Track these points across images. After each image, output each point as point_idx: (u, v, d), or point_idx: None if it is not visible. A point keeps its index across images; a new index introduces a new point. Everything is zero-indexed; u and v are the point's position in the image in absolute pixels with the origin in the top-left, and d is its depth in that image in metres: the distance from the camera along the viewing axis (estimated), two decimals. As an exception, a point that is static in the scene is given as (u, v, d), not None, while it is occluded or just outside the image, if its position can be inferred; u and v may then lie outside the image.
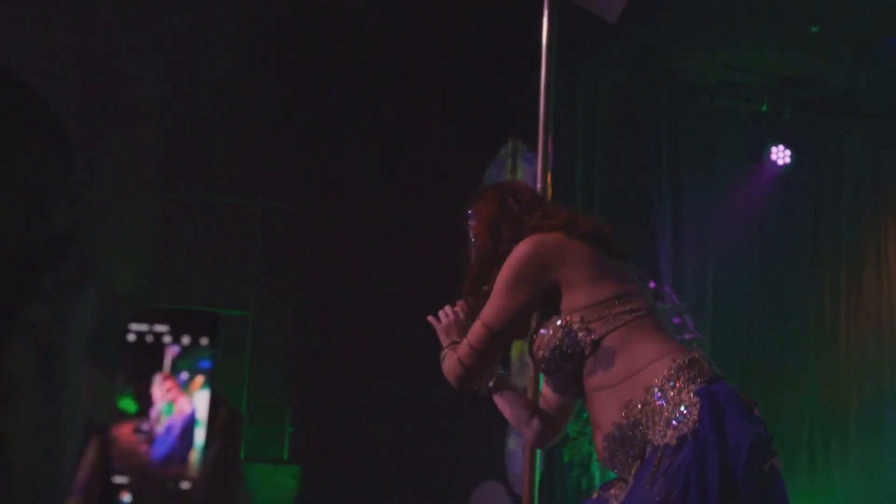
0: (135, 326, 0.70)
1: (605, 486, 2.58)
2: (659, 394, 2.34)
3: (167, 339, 0.70)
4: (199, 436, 0.68)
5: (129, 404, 0.68)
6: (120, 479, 0.67)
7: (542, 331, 2.54)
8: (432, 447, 6.67)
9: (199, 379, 0.69)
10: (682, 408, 2.29)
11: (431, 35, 6.35)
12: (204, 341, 0.70)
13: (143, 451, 0.67)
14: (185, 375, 0.69)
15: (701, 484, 2.18)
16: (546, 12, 3.67)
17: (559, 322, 2.51)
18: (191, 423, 0.68)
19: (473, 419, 6.42)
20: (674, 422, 2.28)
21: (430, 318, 2.89)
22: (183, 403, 0.68)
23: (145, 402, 0.68)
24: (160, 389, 0.68)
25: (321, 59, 6.55)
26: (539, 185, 3.58)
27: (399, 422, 6.86)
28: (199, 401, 0.69)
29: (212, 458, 0.67)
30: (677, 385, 2.34)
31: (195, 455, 0.68)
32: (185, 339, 0.70)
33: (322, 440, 6.97)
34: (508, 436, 6.33)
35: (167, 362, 0.69)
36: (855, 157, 7.05)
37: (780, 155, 6.67)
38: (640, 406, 2.36)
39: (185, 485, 0.66)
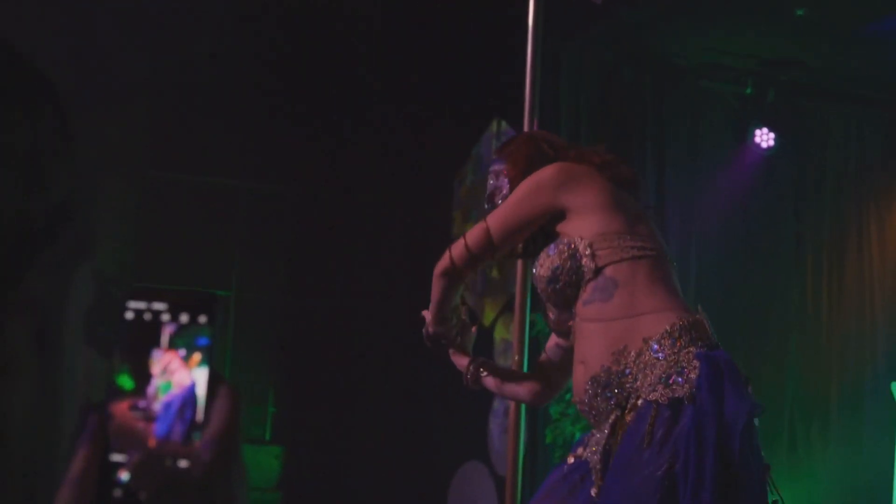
0: (133, 304, 0.70)
1: (576, 446, 2.54)
2: (657, 347, 2.31)
3: (165, 317, 0.70)
4: (198, 413, 0.68)
5: (126, 381, 0.68)
6: (118, 457, 0.66)
7: (548, 250, 2.53)
8: (414, 428, 6.68)
9: (197, 356, 0.69)
10: (680, 368, 2.26)
11: (416, 16, 6.33)
12: (202, 320, 0.70)
13: (140, 429, 0.67)
14: (182, 352, 0.69)
15: (699, 457, 2.15)
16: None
17: (566, 241, 2.50)
18: (189, 399, 0.68)
19: (455, 400, 6.44)
20: (669, 380, 2.24)
21: (425, 312, 2.91)
22: (182, 379, 0.68)
23: (143, 379, 0.68)
24: (159, 365, 0.68)
25: (307, 40, 6.52)
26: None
27: (381, 403, 6.88)
28: (198, 378, 0.69)
29: (210, 435, 0.67)
30: (678, 344, 2.31)
31: (194, 433, 0.67)
32: (184, 318, 0.70)
33: (304, 421, 6.98)
34: (490, 416, 6.35)
35: (164, 339, 0.69)
36: (838, 140, 7.07)
37: (764, 138, 6.67)
38: (633, 355, 2.34)
39: (184, 463, 0.66)
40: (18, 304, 0.64)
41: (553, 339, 2.82)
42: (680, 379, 2.24)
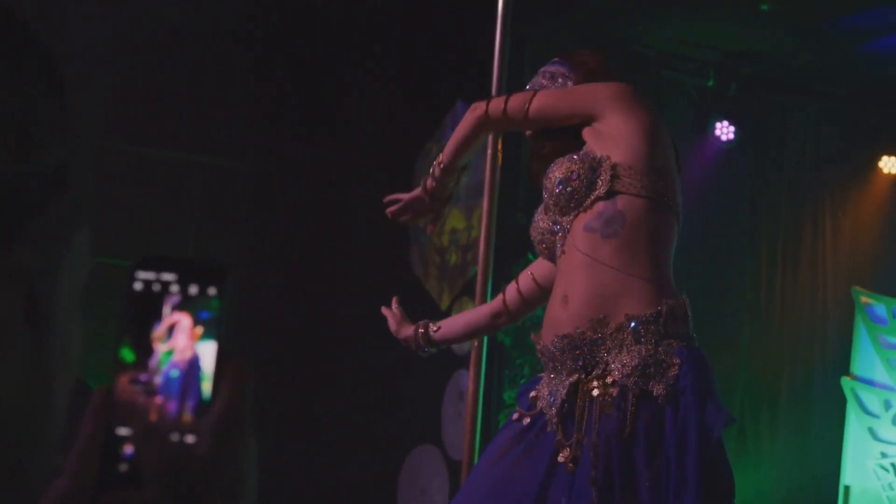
0: (142, 275, 0.68)
1: (523, 400, 2.44)
2: (640, 330, 2.25)
3: (174, 287, 0.68)
4: (204, 388, 0.66)
5: (127, 354, 0.66)
6: (123, 431, 0.65)
7: (570, 155, 2.44)
8: (366, 411, 6.67)
9: (200, 329, 0.67)
10: (659, 361, 2.22)
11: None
12: (211, 291, 0.68)
13: (141, 403, 0.65)
14: (186, 321, 0.67)
15: (680, 461, 2.13)
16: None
17: (592, 154, 2.41)
18: (193, 374, 0.66)
19: (408, 382, 6.44)
20: (647, 370, 2.21)
21: (384, 309, 2.87)
22: (184, 352, 0.66)
23: (144, 351, 0.66)
24: (160, 335, 0.66)
25: (273, 18, 6.45)
26: (490, 152, 3.57)
27: (333, 385, 6.85)
28: (202, 351, 0.67)
29: (217, 411, 0.65)
30: (660, 332, 2.25)
31: (200, 407, 0.66)
32: (193, 289, 0.68)
33: (257, 404, 6.93)
34: (444, 400, 6.36)
35: (166, 311, 0.67)
36: (796, 133, 7.14)
37: (725, 131, 6.72)
38: (612, 327, 2.27)
39: (190, 438, 0.65)
40: (7, 275, 0.62)
41: (528, 271, 2.75)
42: (658, 373, 2.20)
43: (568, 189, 2.38)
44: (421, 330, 2.82)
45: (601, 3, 6.11)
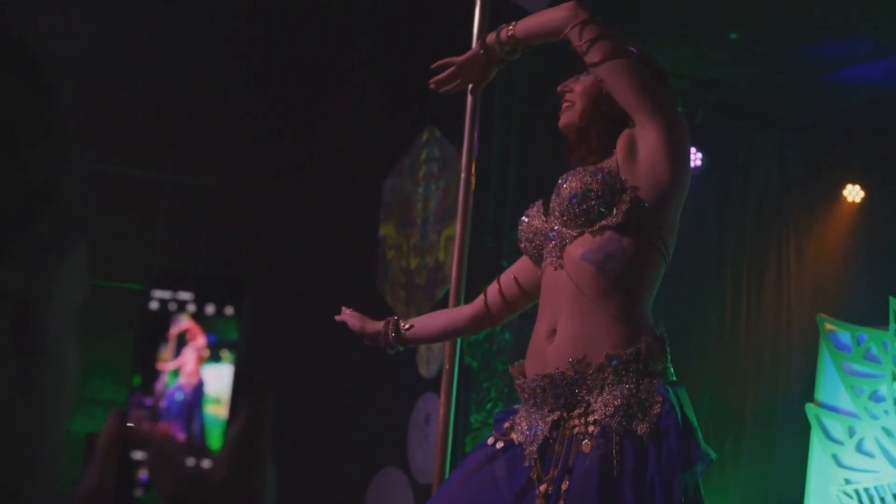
0: (157, 293, 0.65)
1: (499, 426, 2.39)
2: (621, 367, 2.22)
3: (191, 307, 0.65)
4: (211, 411, 0.64)
5: (136, 377, 0.64)
6: (138, 455, 0.63)
7: (591, 171, 2.35)
8: (330, 432, 6.62)
9: (207, 352, 0.65)
10: (640, 401, 2.20)
11: (355, 13, 6.28)
12: (229, 311, 0.66)
13: (148, 428, 0.63)
14: (202, 345, 0.65)
15: (667, 500, 2.12)
16: (479, 4, 3.66)
17: (617, 178, 2.31)
18: (199, 398, 0.64)
19: (373, 404, 6.40)
20: (630, 410, 2.18)
21: (338, 316, 2.79)
22: (191, 376, 0.64)
23: (151, 374, 0.64)
24: (167, 359, 0.64)
25: (245, 36, 6.42)
26: (463, 176, 3.56)
27: (295, 405, 6.79)
28: (209, 375, 0.65)
29: (234, 436, 0.63)
30: (641, 371, 2.23)
31: (214, 432, 0.64)
32: (210, 308, 0.65)
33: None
34: (410, 423, 6.32)
35: (174, 331, 0.65)
36: (762, 162, 7.20)
37: (693, 157, 6.76)
38: (594, 368, 2.24)
39: (206, 463, 0.63)
40: None
41: (510, 274, 2.66)
42: (641, 413, 2.19)
43: (582, 206, 2.30)
44: (391, 326, 2.71)
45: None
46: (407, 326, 2.71)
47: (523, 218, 2.53)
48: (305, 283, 6.87)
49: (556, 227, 2.38)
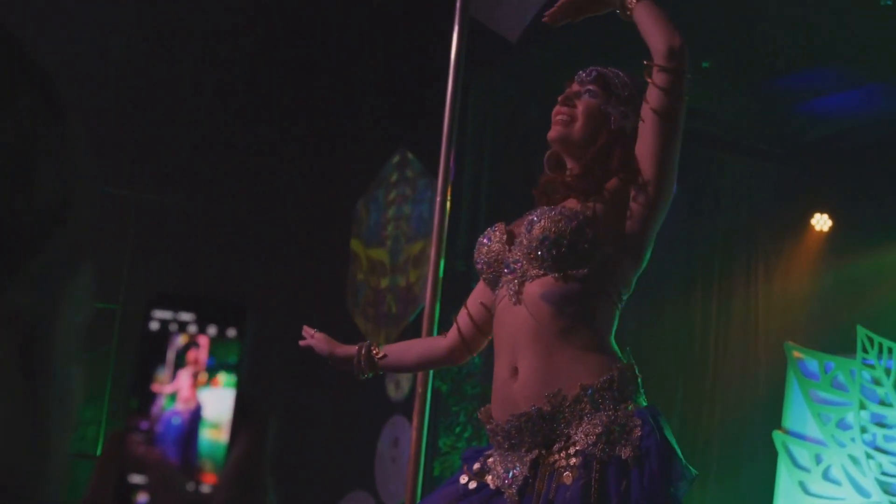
0: (158, 314, 0.64)
1: (471, 463, 2.36)
2: (597, 395, 2.23)
3: (192, 328, 0.64)
4: (209, 435, 0.63)
5: (133, 400, 0.63)
6: (137, 479, 0.62)
7: (563, 211, 2.36)
8: (296, 454, 6.57)
9: (204, 376, 0.63)
10: (621, 426, 2.20)
11: (330, 33, 6.28)
12: (231, 333, 0.64)
13: (143, 452, 0.62)
14: (202, 369, 0.64)
15: None
16: (456, 28, 3.67)
17: (589, 228, 2.34)
18: (195, 422, 0.63)
19: (341, 427, 6.36)
20: (611, 437, 2.19)
21: (302, 342, 2.76)
22: (188, 400, 0.63)
23: (147, 397, 0.63)
24: (163, 382, 0.63)
25: (214, 53, 6.40)
26: (439, 199, 3.56)
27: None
28: (208, 398, 0.64)
29: (234, 460, 0.62)
30: (615, 396, 2.24)
31: (212, 457, 0.63)
32: (212, 330, 0.64)
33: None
34: (378, 445, 6.29)
35: (171, 353, 0.63)
36: (731, 190, 7.26)
37: (663, 184, 6.80)
38: (570, 400, 2.24)
39: (206, 488, 0.62)
40: (1, 317, 0.58)
41: (476, 300, 2.62)
42: (623, 438, 2.19)
43: (552, 251, 2.31)
44: (363, 353, 2.65)
45: (543, 55, 6.17)
46: (381, 354, 2.66)
47: (483, 240, 2.51)
48: (276, 302, 6.83)
49: (519, 261, 2.37)
